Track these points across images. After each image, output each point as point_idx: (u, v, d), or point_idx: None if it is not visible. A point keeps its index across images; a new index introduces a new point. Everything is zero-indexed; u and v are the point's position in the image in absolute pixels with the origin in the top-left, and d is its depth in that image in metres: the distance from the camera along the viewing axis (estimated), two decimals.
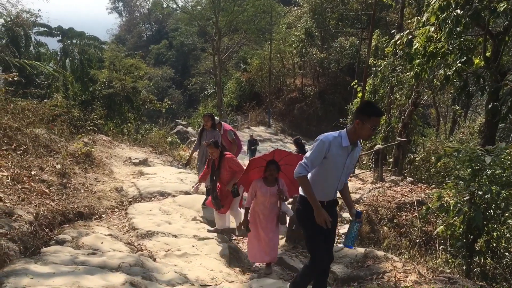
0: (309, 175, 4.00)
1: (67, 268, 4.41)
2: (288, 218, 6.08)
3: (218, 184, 6.78)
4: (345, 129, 3.90)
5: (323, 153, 3.82)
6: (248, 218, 5.88)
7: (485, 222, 5.24)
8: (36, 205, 5.91)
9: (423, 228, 7.51)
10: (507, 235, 5.46)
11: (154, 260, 5.61)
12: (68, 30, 33.39)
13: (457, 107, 23.47)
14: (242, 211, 6.23)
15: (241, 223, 6.01)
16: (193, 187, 7.41)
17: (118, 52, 29.37)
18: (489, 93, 8.09)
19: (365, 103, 3.92)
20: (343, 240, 4.16)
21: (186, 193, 9.04)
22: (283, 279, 5.80)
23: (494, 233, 5.40)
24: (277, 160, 5.66)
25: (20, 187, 6.17)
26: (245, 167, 6.22)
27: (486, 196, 5.26)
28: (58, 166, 7.72)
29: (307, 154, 3.90)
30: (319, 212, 3.86)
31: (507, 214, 5.35)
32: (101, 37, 37.69)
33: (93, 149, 9.85)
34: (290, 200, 6.58)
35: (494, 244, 5.55)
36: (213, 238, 6.76)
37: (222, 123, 8.98)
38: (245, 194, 7.17)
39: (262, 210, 5.77)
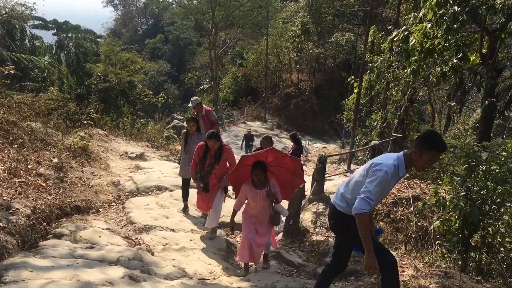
0: (349, 194, 3.76)
1: (66, 262, 4.43)
2: (283, 218, 5.68)
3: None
4: (401, 153, 3.57)
5: (386, 184, 3.50)
6: (237, 220, 5.67)
7: (480, 218, 5.29)
8: (33, 199, 5.91)
9: (419, 223, 7.55)
10: (503, 230, 5.51)
11: (152, 254, 5.63)
12: (64, 24, 33.23)
13: (452, 104, 23.53)
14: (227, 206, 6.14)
15: (229, 223, 5.74)
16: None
17: (114, 46, 29.28)
18: (485, 90, 8.13)
19: (431, 133, 3.50)
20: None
21: None
22: (281, 273, 5.83)
23: (490, 229, 5.44)
24: (270, 160, 5.35)
25: (17, 180, 6.17)
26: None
27: (482, 192, 5.30)
28: (55, 160, 7.71)
29: (369, 187, 3.45)
30: (371, 259, 3.46)
31: (502, 210, 5.39)
32: (96, 31, 37.56)
33: (89, 143, 9.84)
34: None
35: (490, 240, 5.59)
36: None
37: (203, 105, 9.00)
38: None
39: (256, 214, 5.49)
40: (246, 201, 5.52)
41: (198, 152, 6.49)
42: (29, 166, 6.92)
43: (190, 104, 8.88)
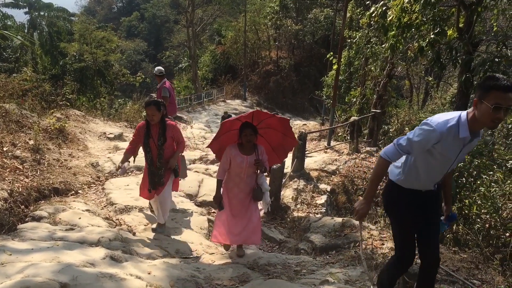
0: (401, 159, 3.26)
1: (45, 244, 4.38)
2: (266, 194, 5.05)
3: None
4: (465, 112, 2.92)
5: (430, 144, 2.94)
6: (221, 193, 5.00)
7: (457, 190, 5.40)
8: (10, 182, 5.81)
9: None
10: (479, 202, 5.64)
11: (134, 234, 5.62)
12: (36, 2, 32.12)
13: (430, 79, 23.78)
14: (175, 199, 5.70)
15: (214, 198, 5.00)
16: (118, 167, 5.66)
17: (89, 25, 28.60)
18: (462, 65, 8.21)
19: (487, 76, 2.86)
20: None
21: None
22: (263, 250, 5.89)
23: (466, 201, 5.58)
24: (255, 123, 4.82)
25: None
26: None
27: (459, 165, 5.40)
28: (31, 142, 7.56)
29: (409, 135, 3.04)
30: (363, 204, 3.30)
31: (478, 182, 5.51)
32: (69, 9, 36.47)
33: (66, 125, 9.65)
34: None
35: (466, 211, 5.73)
36: (192, 211, 6.79)
37: (166, 80, 8.99)
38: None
39: (238, 183, 4.91)
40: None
41: (137, 132, 5.48)
42: (4, 149, 6.77)
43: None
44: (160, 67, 9.35)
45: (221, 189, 5.00)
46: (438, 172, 3.14)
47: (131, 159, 5.89)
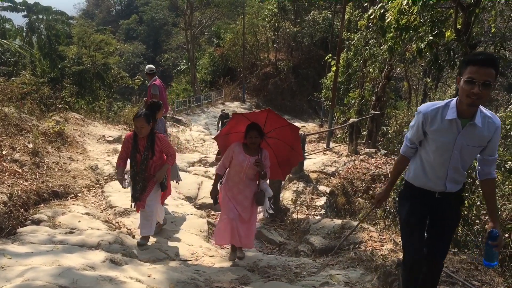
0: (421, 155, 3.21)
1: (45, 248, 4.38)
2: (267, 200, 4.90)
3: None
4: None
5: (420, 127, 3.04)
6: (218, 188, 4.88)
7: None
8: (9, 185, 5.80)
9: (397, 199, 7.70)
10: (478, 203, 5.65)
11: (133, 237, 5.61)
12: (34, 5, 32.12)
13: (428, 80, 23.81)
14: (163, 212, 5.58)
15: (210, 192, 4.87)
16: (122, 183, 5.26)
17: (87, 28, 28.62)
18: (460, 66, 8.23)
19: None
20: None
21: None
22: (263, 252, 5.89)
23: (466, 202, 5.58)
24: (267, 129, 4.67)
25: None
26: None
27: None
28: (30, 145, 7.56)
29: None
30: (382, 193, 3.58)
31: (477, 183, 5.52)
32: (68, 12, 36.44)
33: (65, 128, 9.65)
34: None
35: (466, 212, 5.74)
36: (191, 214, 6.79)
37: (156, 77, 8.95)
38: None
39: (237, 183, 4.77)
40: (227, 170, 4.85)
41: (125, 145, 5.21)
42: (4, 152, 6.77)
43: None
44: (151, 65, 9.30)
45: (219, 185, 4.88)
46: (440, 163, 3.04)
47: (128, 167, 5.46)
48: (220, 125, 21.70)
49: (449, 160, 2.99)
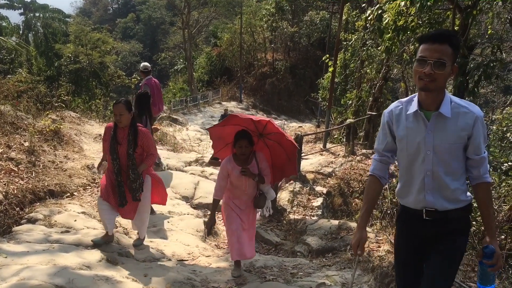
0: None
1: (41, 247, 4.36)
2: (269, 202, 4.70)
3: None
4: None
5: (387, 131, 2.62)
6: (220, 213, 4.62)
7: None
8: (5, 184, 5.77)
9: (394, 200, 7.71)
10: (475, 204, 5.65)
11: (130, 236, 5.59)
12: (31, 3, 32.03)
13: None
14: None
15: (207, 222, 4.59)
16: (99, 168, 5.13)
17: (84, 26, 28.53)
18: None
19: None
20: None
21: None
22: (259, 252, 5.89)
23: None
24: (269, 131, 4.48)
25: None
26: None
27: None
28: (26, 144, 7.52)
29: None
30: (355, 235, 2.67)
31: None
32: (65, 10, 36.40)
33: (61, 126, 9.61)
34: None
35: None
36: (188, 214, 6.78)
37: (151, 76, 8.70)
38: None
39: (239, 196, 4.52)
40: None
41: (104, 136, 4.80)
42: None
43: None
44: (145, 63, 8.96)
45: (222, 208, 4.59)
46: (414, 170, 2.50)
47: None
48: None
49: (423, 164, 2.46)
